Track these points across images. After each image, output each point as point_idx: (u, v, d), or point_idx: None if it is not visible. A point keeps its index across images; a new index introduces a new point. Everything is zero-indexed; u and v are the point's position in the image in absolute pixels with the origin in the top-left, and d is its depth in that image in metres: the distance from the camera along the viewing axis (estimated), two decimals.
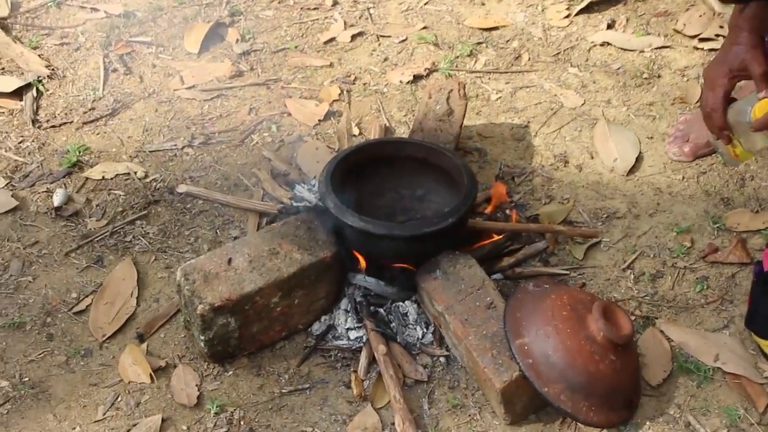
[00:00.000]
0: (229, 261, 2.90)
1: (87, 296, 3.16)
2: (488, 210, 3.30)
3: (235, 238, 3.27)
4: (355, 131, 3.67)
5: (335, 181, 3.01)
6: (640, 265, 3.21)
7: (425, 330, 3.01)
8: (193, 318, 2.82)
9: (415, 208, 3.25)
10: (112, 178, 3.55)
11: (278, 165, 3.51)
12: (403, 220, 3.22)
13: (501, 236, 3.23)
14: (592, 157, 3.58)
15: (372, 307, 3.04)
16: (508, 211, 3.39)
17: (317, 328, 3.05)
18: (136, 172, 3.54)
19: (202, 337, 2.81)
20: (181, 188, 3.45)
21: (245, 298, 2.83)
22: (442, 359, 2.94)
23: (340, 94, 3.84)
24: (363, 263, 3.06)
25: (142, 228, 3.36)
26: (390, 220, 3.20)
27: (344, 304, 3.06)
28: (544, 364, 2.66)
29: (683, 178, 3.49)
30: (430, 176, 3.23)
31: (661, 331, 3.03)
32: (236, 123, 3.73)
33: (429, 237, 2.92)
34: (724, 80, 2.52)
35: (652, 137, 3.64)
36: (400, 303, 3.05)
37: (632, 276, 3.18)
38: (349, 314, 3.04)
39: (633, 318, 3.04)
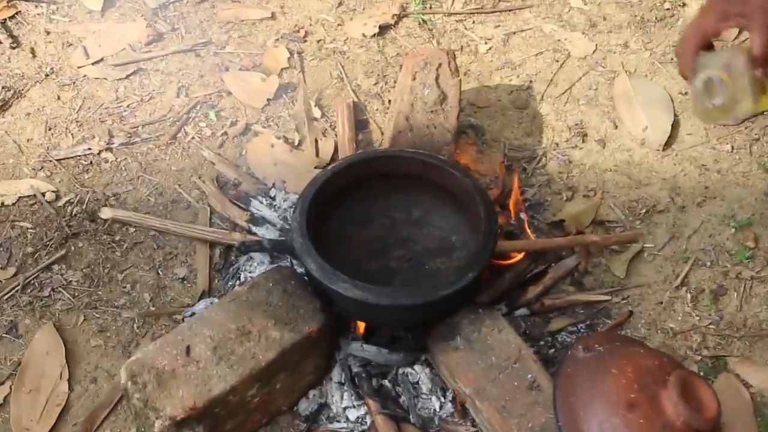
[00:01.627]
0: (188, 350, 2.23)
1: (2, 382, 2.46)
2: (512, 217, 2.59)
3: (183, 279, 2.57)
4: (316, 113, 2.89)
5: (311, 225, 2.34)
6: (696, 278, 2.57)
7: (442, 399, 2.39)
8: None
9: (413, 237, 2.55)
10: (13, 204, 2.78)
11: (224, 171, 2.77)
12: (402, 257, 2.50)
13: (520, 257, 2.52)
14: (616, 127, 2.87)
15: (374, 379, 2.36)
16: (522, 215, 2.66)
17: (305, 407, 2.41)
18: (44, 194, 2.77)
19: None
20: (105, 213, 2.72)
21: (215, 402, 2.19)
22: None
23: (289, 59, 3.06)
24: (359, 328, 2.35)
25: (62, 275, 2.63)
26: (384, 257, 2.53)
27: (337, 374, 2.41)
28: None
29: (732, 148, 2.81)
30: (427, 193, 2.50)
31: (737, 375, 2.38)
32: (163, 110, 2.94)
33: (445, 300, 2.21)
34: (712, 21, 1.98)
35: (686, 92, 2.92)
36: (409, 369, 2.36)
37: (689, 295, 2.55)
38: (345, 388, 2.37)
39: (699, 359, 2.40)
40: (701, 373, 2.43)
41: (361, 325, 2.43)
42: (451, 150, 2.57)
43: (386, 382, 2.43)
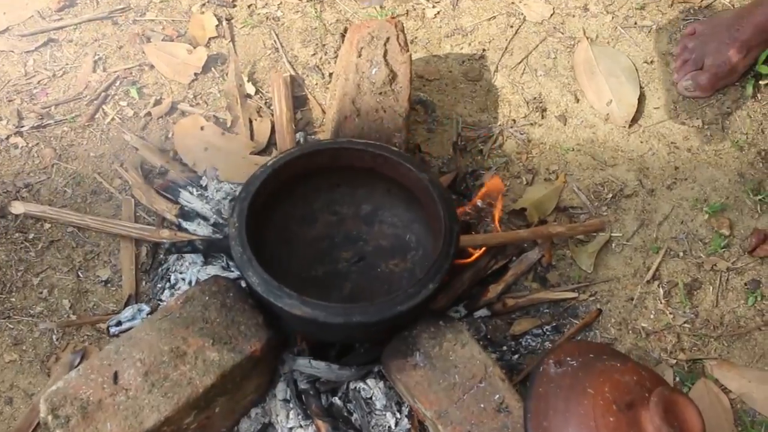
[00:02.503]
0: (115, 377, 2.00)
1: None
2: (496, 216, 2.35)
3: (106, 282, 2.30)
4: (250, 89, 2.61)
5: (251, 231, 2.08)
6: (669, 270, 2.37)
7: (398, 414, 2.16)
8: None
9: (363, 235, 2.31)
10: None
11: (149, 157, 2.48)
12: (352, 258, 2.26)
13: (479, 253, 2.30)
14: (578, 100, 2.64)
15: (323, 397, 2.13)
16: (480, 203, 2.43)
17: (247, 427, 2.20)
18: None
19: None
20: (16, 207, 2.42)
21: None
22: None
23: (218, 27, 2.75)
24: (305, 345, 2.12)
25: None
26: (332, 259, 2.30)
27: (281, 391, 2.19)
28: None
29: (703, 123, 2.60)
30: (378, 186, 2.25)
31: (715, 380, 2.19)
32: (78, 87, 2.64)
33: (403, 316, 1.97)
34: None
35: (651, 61, 2.72)
36: (361, 384, 2.13)
37: (661, 290, 2.35)
38: (291, 406, 2.14)
39: (674, 362, 2.21)
40: (677, 379, 2.24)
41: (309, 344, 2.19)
42: (403, 137, 2.31)
43: (336, 400, 2.21)
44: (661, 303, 2.35)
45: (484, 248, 2.34)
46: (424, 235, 2.24)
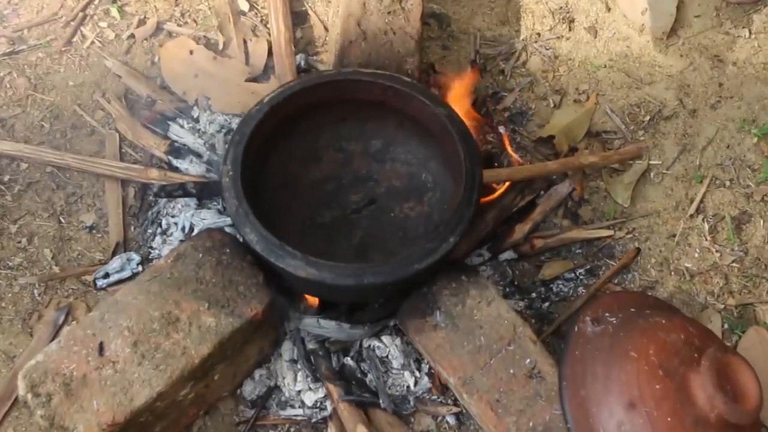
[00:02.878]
0: (101, 348, 1.83)
1: None
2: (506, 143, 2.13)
3: (91, 228, 2.09)
4: (243, 5, 2.34)
5: (247, 180, 1.85)
6: (714, 202, 2.14)
7: (417, 373, 1.95)
8: None
9: (374, 175, 2.06)
10: None
11: (134, 85, 2.23)
12: (361, 201, 2.02)
13: (503, 189, 2.06)
14: (609, 9, 2.38)
15: (333, 357, 1.91)
16: (502, 129, 2.18)
17: (251, 390, 1.99)
18: None
19: None
20: None
21: (139, 413, 1.77)
22: (450, 419, 1.97)
23: None
24: (314, 303, 1.90)
25: None
26: (339, 204, 2.07)
27: (287, 350, 1.97)
28: None
29: (750, 32, 2.31)
30: (389, 120, 1.99)
31: None
32: (53, 6, 2.42)
33: (421, 274, 1.74)
34: None
35: None
36: (375, 342, 1.91)
37: (706, 225, 2.12)
38: (299, 367, 1.92)
39: (723, 307, 1.98)
40: (725, 326, 2.01)
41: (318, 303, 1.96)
42: (416, 63, 2.05)
43: (349, 360, 1.99)
44: (706, 240, 2.12)
45: (508, 183, 2.08)
46: (442, 174, 2.00)
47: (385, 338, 2.00)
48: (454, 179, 1.93)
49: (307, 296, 1.98)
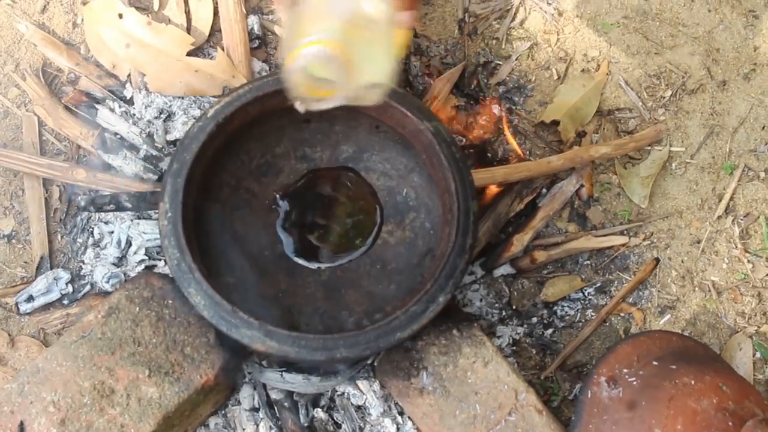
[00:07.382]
0: (21, 429, 1.46)
1: None
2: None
3: (9, 237, 1.78)
4: None
5: (189, 222, 1.53)
6: (746, 198, 1.82)
7: (399, 421, 1.64)
8: None
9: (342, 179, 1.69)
10: None
11: (53, 57, 1.85)
12: (328, 226, 1.67)
13: (496, 191, 1.74)
14: None
15: (301, 408, 1.62)
16: (497, 109, 1.82)
17: None
18: None
19: None
20: None
21: None
22: None
23: None
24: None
25: None
26: (302, 229, 1.69)
27: (246, 397, 1.67)
28: None
29: None
30: (361, 121, 1.64)
31: None
32: None
33: (403, 341, 1.44)
34: None
35: None
36: (349, 389, 1.62)
37: (737, 228, 1.79)
38: (261, 416, 1.63)
39: (754, 331, 1.71)
40: (757, 355, 1.72)
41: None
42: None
43: (319, 412, 1.69)
44: (736, 247, 1.80)
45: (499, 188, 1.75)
46: (427, 190, 1.65)
47: (361, 383, 1.70)
48: (441, 201, 1.58)
49: None
